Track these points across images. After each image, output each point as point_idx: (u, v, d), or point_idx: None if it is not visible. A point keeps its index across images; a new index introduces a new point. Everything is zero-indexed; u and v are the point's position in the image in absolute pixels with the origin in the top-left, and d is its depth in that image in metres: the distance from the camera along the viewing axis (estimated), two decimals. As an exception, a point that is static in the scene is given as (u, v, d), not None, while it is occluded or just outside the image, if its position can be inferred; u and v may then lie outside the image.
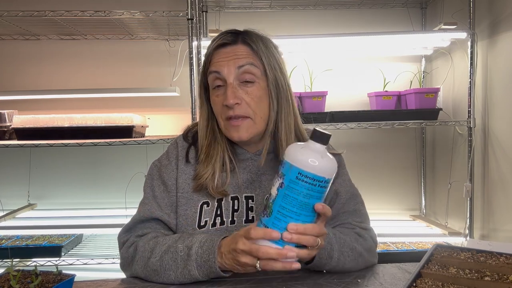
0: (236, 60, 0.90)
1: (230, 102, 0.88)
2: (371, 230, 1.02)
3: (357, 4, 2.27)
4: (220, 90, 0.92)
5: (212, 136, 0.96)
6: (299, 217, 0.72)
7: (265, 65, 0.91)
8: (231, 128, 0.91)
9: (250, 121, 0.91)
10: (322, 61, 2.27)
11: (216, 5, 2.24)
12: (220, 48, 0.92)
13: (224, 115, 0.91)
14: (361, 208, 1.02)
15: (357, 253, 0.91)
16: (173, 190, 0.96)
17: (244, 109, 0.90)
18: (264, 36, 0.96)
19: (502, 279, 0.70)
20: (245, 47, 0.91)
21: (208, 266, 0.81)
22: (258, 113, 0.91)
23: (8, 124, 1.99)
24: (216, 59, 0.92)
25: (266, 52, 0.91)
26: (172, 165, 0.98)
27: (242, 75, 0.90)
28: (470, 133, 1.89)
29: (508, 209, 1.70)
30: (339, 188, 1.00)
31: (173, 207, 0.96)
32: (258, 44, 0.91)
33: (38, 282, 0.70)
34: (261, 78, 0.91)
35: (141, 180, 2.15)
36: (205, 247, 0.82)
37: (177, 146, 1.01)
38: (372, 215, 1.12)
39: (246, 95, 0.90)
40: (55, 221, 2.10)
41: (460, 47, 2.00)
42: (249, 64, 0.90)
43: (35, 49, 2.32)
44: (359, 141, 2.37)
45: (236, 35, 0.93)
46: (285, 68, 0.96)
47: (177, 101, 2.29)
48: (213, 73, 0.92)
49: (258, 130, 0.93)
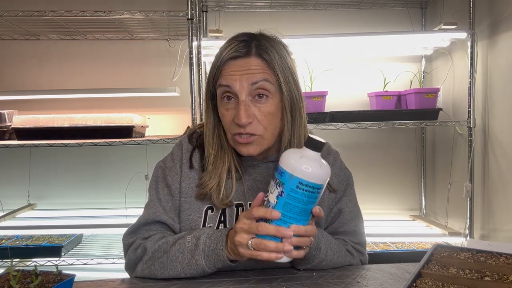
0: (249, 75, 0.84)
1: (243, 121, 0.83)
2: (365, 255, 1.03)
3: (357, 4, 2.27)
4: (230, 104, 0.87)
5: (219, 144, 0.93)
6: (298, 222, 0.76)
7: (280, 80, 0.85)
8: (240, 145, 0.88)
9: (259, 138, 0.87)
10: (322, 61, 2.27)
11: (216, 5, 2.24)
12: (230, 61, 0.86)
13: (233, 130, 0.87)
14: (360, 231, 1.02)
15: (344, 252, 0.95)
16: (176, 194, 0.95)
17: (255, 128, 0.85)
18: (276, 40, 0.91)
19: (502, 279, 0.70)
20: (259, 60, 0.85)
21: (215, 255, 0.82)
22: (269, 130, 0.87)
23: (8, 124, 1.99)
24: (227, 72, 0.86)
25: (280, 64, 0.86)
26: (177, 168, 0.96)
27: (255, 91, 0.85)
28: (470, 133, 1.89)
29: (508, 209, 1.70)
30: (344, 208, 0.99)
31: (176, 211, 0.96)
32: (273, 54, 0.85)
33: (38, 282, 0.70)
34: (275, 94, 0.86)
35: (141, 180, 2.18)
36: (213, 237, 0.83)
37: (181, 147, 0.98)
38: (372, 215, 1.12)
39: (259, 112, 0.85)
40: (55, 221, 2.10)
41: (460, 47, 2.00)
42: (263, 80, 0.84)
43: (35, 49, 2.32)
44: (359, 141, 2.37)
45: (249, 46, 0.86)
46: (297, 75, 0.91)
47: (177, 101, 2.29)
48: (223, 86, 0.86)
49: (268, 145, 0.90)
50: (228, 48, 0.87)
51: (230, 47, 0.86)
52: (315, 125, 1.90)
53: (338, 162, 1.02)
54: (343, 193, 1.00)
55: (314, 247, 0.86)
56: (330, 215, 0.99)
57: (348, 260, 0.96)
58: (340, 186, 1.00)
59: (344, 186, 1.01)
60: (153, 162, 1.05)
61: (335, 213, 0.99)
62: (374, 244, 1.93)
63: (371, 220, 2.21)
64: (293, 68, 0.90)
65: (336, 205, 0.99)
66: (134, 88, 2.21)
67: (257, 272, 0.90)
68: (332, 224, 0.99)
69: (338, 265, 0.93)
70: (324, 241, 0.89)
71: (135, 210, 2.12)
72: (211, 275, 0.88)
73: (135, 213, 2.04)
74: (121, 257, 1.83)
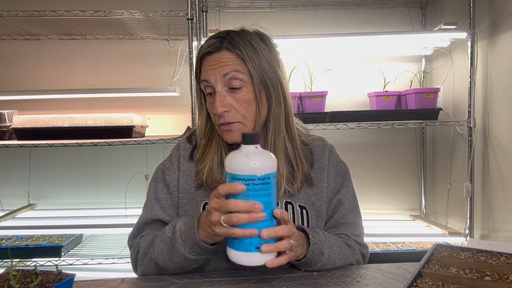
0: (221, 68, 0.90)
1: (219, 110, 0.90)
2: (366, 247, 1.05)
3: (357, 4, 2.27)
4: (212, 97, 0.94)
5: (210, 135, 0.99)
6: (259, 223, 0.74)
7: (249, 67, 0.90)
8: (224, 133, 0.94)
9: (239, 124, 0.92)
10: (322, 61, 2.27)
11: (216, 5, 2.24)
12: (206, 56, 0.93)
13: (217, 121, 0.94)
14: (359, 222, 1.04)
15: (346, 253, 0.95)
16: (175, 191, 0.99)
17: (233, 116, 0.91)
18: (255, 34, 0.95)
19: (502, 279, 0.70)
20: (230, 53, 0.90)
21: (190, 239, 0.83)
22: (248, 117, 0.92)
23: (8, 124, 1.99)
24: (204, 68, 0.93)
25: (252, 54, 0.90)
26: (174, 167, 1.01)
27: (229, 82, 0.90)
28: (470, 133, 1.89)
29: (508, 209, 1.70)
30: (343, 198, 1.02)
31: (175, 208, 0.99)
32: (243, 47, 0.90)
33: (38, 282, 0.70)
34: (248, 82, 0.91)
35: (141, 180, 2.18)
36: (187, 223, 0.85)
37: (179, 148, 1.04)
38: (372, 215, 1.13)
39: (234, 102, 0.91)
40: (55, 221, 2.09)
41: (460, 47, 2.00)
42: (234, 71, 0.89)
43: (35, 49, 2.32)
44: (359, 141, 2.37)
45: (221, 41, 0.91)
46: (278, 66, 0.95)
47: (177, 101, 2.29)
48: (203, 81, 0.94)
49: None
50: (204, 45, 0.93)
51: (206, 44, 0.93)
52: (315, 125, 1.90)
53: (334, 155, 1.06)
54: (341, 185, 1.03)
55: (317, 252, 0.87)
56: (331, 207, 1.01)
57: (350, 260, 0.97)
58: (338, 178, 1.03)
59: (342, 178, 1.04)
60: (153, 162, 1.07)
61: (335, 205, 1.01)
62: (374, 244, 1.93)
63: (371, 220, 2.21)
64: (271, 57, 0.94)
65: (336, 197, 1.02)
66: (134, 88, 2.21)
67: (257, 272, 0.90)
68: (333, 216, 1.01)
69: (340, 266, 0.94)
70: (327, 245, 0.90)
71: (135, 210, 2.11)
72: (211, 275, 0.88)
73: (135, 213, 2.03)
74: (121, 257, 1.83)
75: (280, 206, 0.96)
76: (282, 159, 0.94)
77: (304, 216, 0.97)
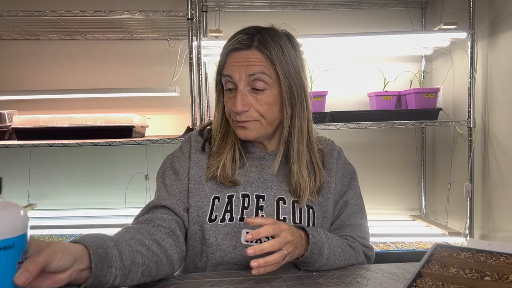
0: (247, 67, 0.88)
1: (239, 109, 0.89)
2: (372, 249, 1.05)
3: (357, 4, 2.27)
4: (232, 93, 0.92)
5: (226, 129, 0.98)
6: None
7: (279, 72, 0.89)
8: (238, 128, 0.94)
9: (255, 122, 0.92)
10: (322, 61, 2.27)
11: (216, 5, 2.25)
12: (233, 52, 0.91)
13: (232, 117, 0.93)
14: (365, 224, 1.05)
15: (348, 255, 0.95)
16: (184, 178, 0.97)
17: (251, 115, 0.90)
18: (284, 35, 0.94)
19: (502, 279, 0.70)
20: (259, 53, 0.89)
21: None
22: (266, 117, 0.91)
23: (8, 124, 1.99)
24: (229, 63, 0.91)
25: (281, 58, 0.89)
26: (185, 156, 1.00)
27: (253, 82, 0.89)
28: (470, 133, 1.89)
29: (508, 209, 1.70)
30: (350, 200, 1.01)
31: (182, 194, 0.96)
32: (274, 49, 0.89)
33: (38, 282, 0.70)
34: (273, 85, 0.90)
35: (141, 180, 2.18)
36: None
37: (190, 140, 1.03)
38: (372, 215, 1.13)
39: (255, 102, 0.90)
40: (55, 221, 2.10)
41: (460, 47, 2.00)
42: (261, 73, 0.88)
43: (35, 49, 2.32)
44: (359, 141, 2.37)
45: (251, 39, 0.90)
46: (303, 71, 0.95)
47: (177, 101, 2.29)
48: (225, 76, 0.92)
49: (266, 132, 0.94)
50: (232, 40, 0.91)
51: (234, 39, 0.91)
52: (315, 125, 1.90)
53: (342, 157, 1.06)
54: (348, 187, 1.03)
55: (316, 252, 0.86)
56: (337, 208, 1.01)
57: (352, 262, 0.96)
58: (345, 180, 1.03)
59: (349, 180, 1.04)
60: (153, 162, 1.06)
61: (341, 206, 1.01)
62: (374, 244, 1.93)
63: (371, 220, 2.19)
64: (297, 61, 0.94)
65: (342, 198, 1.01)
66: (134, 88, 2.21)
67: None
68: (339, 217, 1.01)
69: (341, 267, 0.93)
70: (328, 246, 0.89)
71: (135, 210, 2.10)
72: (211, 275, 0.88)
73: (135, 213, 2.03)
74: (121, 257, 1.83)
75: (288, 205, 0.95)
76: (305, 167, 0.95)
77: (310, 215, 0.96)
